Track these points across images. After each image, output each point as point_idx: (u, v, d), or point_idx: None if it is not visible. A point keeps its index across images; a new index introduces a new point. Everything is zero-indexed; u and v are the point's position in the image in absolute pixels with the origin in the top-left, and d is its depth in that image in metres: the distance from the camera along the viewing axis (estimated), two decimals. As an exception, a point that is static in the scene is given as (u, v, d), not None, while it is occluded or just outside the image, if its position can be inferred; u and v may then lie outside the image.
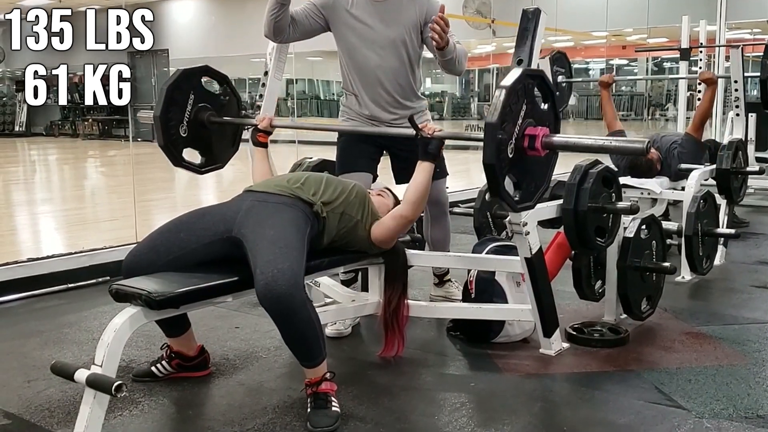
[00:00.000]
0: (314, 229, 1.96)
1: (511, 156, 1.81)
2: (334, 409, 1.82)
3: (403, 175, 2.51)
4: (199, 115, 2.48)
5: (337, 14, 2.44)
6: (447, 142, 2.18)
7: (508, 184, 1.89)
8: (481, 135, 1.79)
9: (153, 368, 2.10)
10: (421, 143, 2.08)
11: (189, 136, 2.47)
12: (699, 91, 5.26)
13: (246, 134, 2.62)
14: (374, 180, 2.62)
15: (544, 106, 1.91)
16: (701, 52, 5.53)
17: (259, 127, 2.39)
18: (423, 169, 2.09)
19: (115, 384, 1.56)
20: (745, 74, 4.24)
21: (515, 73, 1.81)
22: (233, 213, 1.95)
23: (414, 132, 2.09)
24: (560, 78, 4.41)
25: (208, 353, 2.16)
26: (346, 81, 2.57)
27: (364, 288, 2.49)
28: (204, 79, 2.55)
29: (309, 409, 1.82)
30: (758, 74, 4.05)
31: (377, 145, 2.60)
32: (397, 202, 2.29)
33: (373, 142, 2.59)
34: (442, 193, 2.71)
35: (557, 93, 4.28)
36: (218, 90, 2.59)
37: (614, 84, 4.06)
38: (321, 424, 1.78)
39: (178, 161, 2.49)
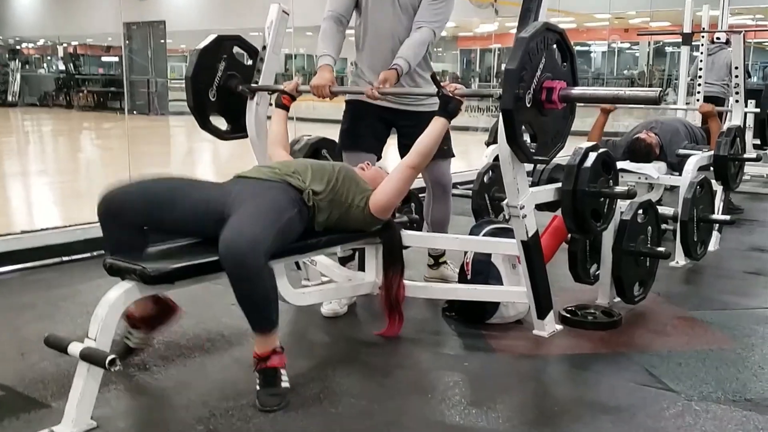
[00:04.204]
0: (303, 213, 1.95)
1: (528, 106, 1.86)
2: (283, 386, 1.78)
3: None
4: (228, 82, 2.51)
5: None
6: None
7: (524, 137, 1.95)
8: (499, 91, 1.86)
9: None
10: (442, 100, 2.12)
11: (217, 101, 2.51)
12: (698, 99, 5.20)
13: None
14: (378, 160, 2.58)
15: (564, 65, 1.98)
16: (703, 36, 5.48)
17: (286, 90, 2.43)
18: (437, 124, 2.12)
19: (109, 358, 1.56)
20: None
21: (535, 25, 1.86)
22: (223, 197, 1.89)
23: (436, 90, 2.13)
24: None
25: (163, 297, 2.00)
26: (360, 48, 2.57)
27: (361, 268, 2.49)
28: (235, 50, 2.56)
29: (258, 388, 1.78)
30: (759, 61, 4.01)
31: (385, 121, 2.57)
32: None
33: (380, 118, 2.55)
34: (445, 174, 2.70)
35: None
36: (249, 62, 2.59)
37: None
38: (269, 403, 1.74)
39: (205, 124, 2.53)
